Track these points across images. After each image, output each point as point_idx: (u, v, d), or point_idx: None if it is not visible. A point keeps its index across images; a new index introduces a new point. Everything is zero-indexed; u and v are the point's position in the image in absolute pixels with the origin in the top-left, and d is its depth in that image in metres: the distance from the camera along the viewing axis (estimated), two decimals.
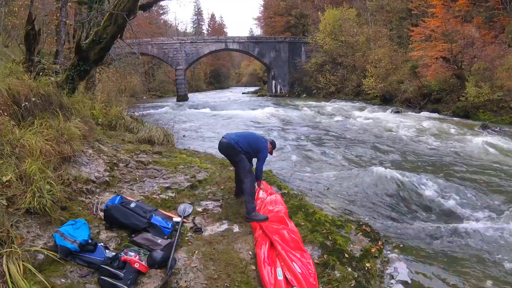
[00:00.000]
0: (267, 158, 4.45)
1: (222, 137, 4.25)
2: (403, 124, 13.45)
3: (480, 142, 9.74)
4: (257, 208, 3.96)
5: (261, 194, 4.43)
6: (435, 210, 5.22)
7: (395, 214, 5.04)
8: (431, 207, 5.30)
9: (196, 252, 3.10)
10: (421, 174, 6.79)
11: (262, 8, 54.13)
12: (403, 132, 11.83)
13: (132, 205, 3.41)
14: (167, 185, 4.47)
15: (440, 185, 6.13)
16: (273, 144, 4.56)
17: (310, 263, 3.02)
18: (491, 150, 8.97)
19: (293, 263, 2.96)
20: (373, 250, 3.53)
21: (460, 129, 12.16)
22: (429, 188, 5.93)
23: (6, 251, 2.23)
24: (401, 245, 3.93)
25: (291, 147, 9.49)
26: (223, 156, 4.52)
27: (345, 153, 8.70)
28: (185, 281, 2.73)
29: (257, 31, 65.33)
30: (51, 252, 2.55)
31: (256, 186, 4.33)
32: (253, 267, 3.01)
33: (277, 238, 3.30)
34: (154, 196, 4.09)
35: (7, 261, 2.18)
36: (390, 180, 6.24)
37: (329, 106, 21.20)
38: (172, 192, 4.29)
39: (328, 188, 5.74)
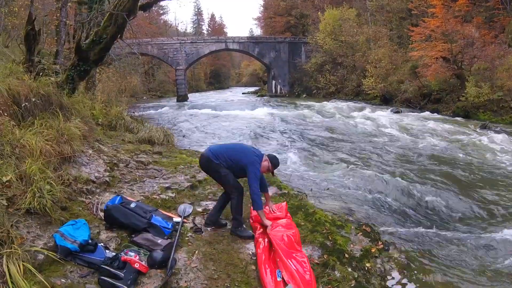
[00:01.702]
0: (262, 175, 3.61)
1: (206, 148, 3.74)
2: (403, 124, 13.45)
3: (481, 142, 9.74)
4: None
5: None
6: (435, 211, 5.22)
7: (395, 214, 5.04)
8: (430, 208, 5.30)
9: (196, 252, 3.11)
10: (420, 175, 6.80)
11: (262, 8, 54.16)
12: (403, 133, 11.83)
13: (132, 205, 3.40)
14: (167, 185, 4.47)
15: (440, 186, 6.13)
16: (272, 160, 3.63)
17: (305, 261, 3.02)
18: (492, 150, 8.96)
19: (289, 260, 2.96)
20: (373, 250, 3.53)
21: (460, 129, 12.17)
22: (429, 189, 5.93)
23: (6, 251, 2.23)
24: (401, 246, 3.93)
25: (291, 147, 9.49)
26: None
27: (345, 153, 8.70)
28: (185, 281, 2.73)
29: (257, 31, 65.36)
30: (51, 252, 2.55)
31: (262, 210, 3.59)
32: (253, 267, 3.02)
33: (276, 239, 3.30)
34: (154, 196, 4.09)
35: (7, 261, 2.18)
36: (389, 181, 6.24)
37: (329, 106, 21.18)
38: (172, 192, 4.28)
39: (328, 188, 5.74)
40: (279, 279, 2.83)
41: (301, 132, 12.43)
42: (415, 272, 3.39)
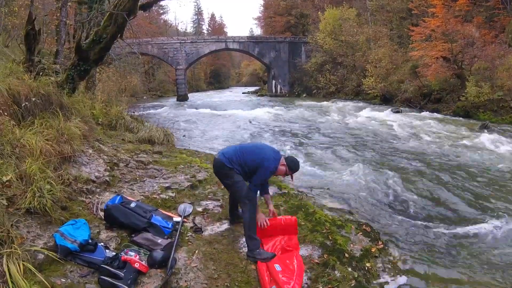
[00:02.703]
0: (279, 178, 3.33)
1: (219, 151, 3.42)
2: (403, 124, 13.44)
3: (481, 142, 9.73)
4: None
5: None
6: (435, 210, 5.21)
7: (395, 214, 5.04)
8: (431, 207, 5.30)
9: (196, 252, 3.11)
10: (421, 175, 6.79)
11: (262, 8, 54.17)
12: (403, 132, 11.82)
13: (132, 205, 3.41)
14: (167, 185, 4.47)
15: (441, 186, 6.13)
16: (290, 164, 3.23)
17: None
18: (492, 150, 8.96)
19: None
20: (373, 250, 3.53)
21: (460, 129, 12.15)
22: (429, 189, 5.94)
23: (6, 251, 2.23)
24: (401, 245, 3.93)
25: (291, 147, 9.49)
26: None
27: (345, 153, 8.69)
28: (185, 281, 2.73)
29: (257, 31, 65.36)
30: (51, 252, 2.55)
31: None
32: (253, 267, 3.02)
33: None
34: (154, 196, 4.09)
35: (7, 261, 2.18)
36: (390, 181, 6.24)
37: (329, 106, 21.19)
38: (172, 192, 4.28)
39: (328, 188, 5.74)
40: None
41: (301, 131, 12.43)
42: (416, 271, 3.38)
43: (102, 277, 2.54)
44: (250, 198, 3.17)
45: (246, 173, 3.20)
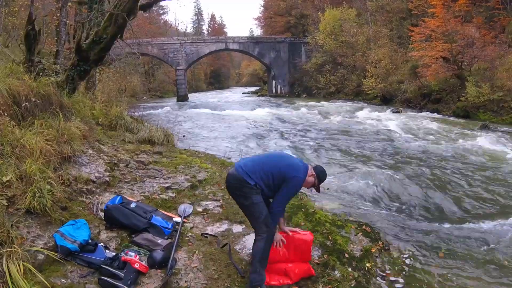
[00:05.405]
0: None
1: (234, 164, 2.88)
2: (403, 124, 13.45)
3: (480, 142, 9.74)
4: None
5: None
6: (435, 210, 5.22)
7: (395, 214, 5.04)
8: (431, 208, 5.30)
9: (197, 252, 3.10)
10: (420, 175, 6.80)
11: (262, 8, 54.29)
12: (403, 133, 11.83)
13: (132, 205, 3.40)
14: (167, 185, 4.46)
15: (440, 186, 6.14)
16: (319, 173, 2.78)
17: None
18: (491, 150, 8.96)
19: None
20: (373, 250, 3.53)
21: (460, 129, 12.16)
22: (429, 189, 5.94)
23: (7, 251, 2.23)
24: (401, 245, 3.93)
25: (291, 147, 9.49)
26: (223, 156, 4.30)
27: (345, 153, 8.70)
28: (186, 281, 2.73)
29: (257, 31, 65.34)
30: (52, 252, 2.55)
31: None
32: None
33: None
34: (154, 196, 4.08)
35: (7, 261, 2.18)
36: (390, 181, 6.24)
37: (329, 106, 21.22)
38: (172, 192, 4.28)
39: (328, 188, 5.74)
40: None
41: (301, 132, 12.44)
42: (416, 271, 3.38)
43: (102, 277, 2.54)
44: (269, 225, 2.66)
45: (270, 189, 2.69)
